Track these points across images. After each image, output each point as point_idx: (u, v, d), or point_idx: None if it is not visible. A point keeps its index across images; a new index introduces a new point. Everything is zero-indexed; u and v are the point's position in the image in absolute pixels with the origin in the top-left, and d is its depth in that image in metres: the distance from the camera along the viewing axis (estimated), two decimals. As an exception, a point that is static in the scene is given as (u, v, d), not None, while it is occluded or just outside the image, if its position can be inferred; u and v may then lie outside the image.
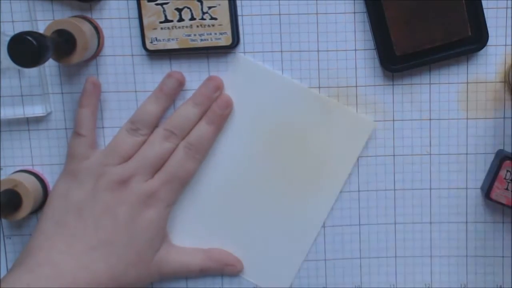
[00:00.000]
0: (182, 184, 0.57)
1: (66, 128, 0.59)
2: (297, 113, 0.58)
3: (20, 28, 0.56)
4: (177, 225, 0.59)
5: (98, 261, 0.53)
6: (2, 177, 0.57)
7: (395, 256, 0.60)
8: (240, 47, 0.57)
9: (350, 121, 0.58)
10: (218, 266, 0.59)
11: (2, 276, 0.60)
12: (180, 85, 0.57)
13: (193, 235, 0.59)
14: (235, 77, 0.57)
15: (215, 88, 0.57)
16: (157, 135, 0.56)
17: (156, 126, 0.57)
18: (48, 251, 0.53)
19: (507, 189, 0.56)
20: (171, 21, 0.56)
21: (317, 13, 0.57)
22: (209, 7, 0.55)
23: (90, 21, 0.56)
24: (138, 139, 0.56)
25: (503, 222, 0.59)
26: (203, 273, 0.59)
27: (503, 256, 0.59)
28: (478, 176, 0.59)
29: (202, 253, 0.59)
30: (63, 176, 0.57)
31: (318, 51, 0.57)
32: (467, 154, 0.58)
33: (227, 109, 0.57)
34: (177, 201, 0.58)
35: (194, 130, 0.56)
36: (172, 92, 0.57)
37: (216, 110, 0.57)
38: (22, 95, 0.58)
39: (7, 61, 0.49)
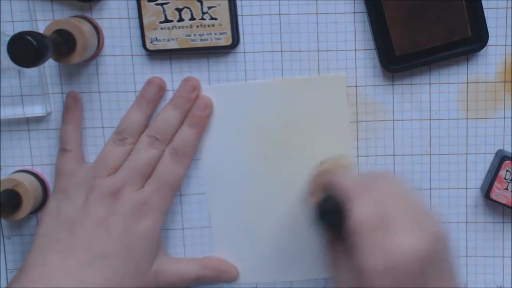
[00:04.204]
0: (173, 190, 0.57)
1: (66, 128, 0.59)
2: (278, 106, 0.58)
3: (20, 28, 0.56)
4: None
5: (93, 276, 0.52)
6: (2, 177, 0.57)
7: (395, 256, 0.60)
8: (240, 47, 0.57)
9: (323, 85, 0.57)
10: (213, 274, 0.59)
11: (1, 277, 0.60)
12: (161, 90, 0.57)
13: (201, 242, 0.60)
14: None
15: (192, 88, 0.57)
16: (141, 143, 0.56)
17: (142, 133, 0.56)
18: (41, 269, 0.52)
19: (507, 189, 0.56)
20: (171, 21, 0.56)
21: (317, 13, 0.57)
22: (209, 7, 0.55)
23: (90, 21, 0.55)
24: (125, 148, 0.56)
25: (503, 222, 0.59)
26: (199, 281, 0.59)
27: (503, 256, 0.59)
28: (478, 176, 0.59)
29: (198, 262, 0.59)
30: (53, 194, 0.56)
31: (318, 51, 0.57)
32: (467, 154, 0.58)
33: (207, 110, 0.57)
34: (169, 209, 0.57)
35: (177, 135, 0.56)
36: (154, 98, 0.57)
37: (196, 113, 0.57)
38: (22, 95, 0.58)
39: (7, 61, 0.49)
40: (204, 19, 0.56)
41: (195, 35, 0.56)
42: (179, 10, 0.56)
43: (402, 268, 0.43)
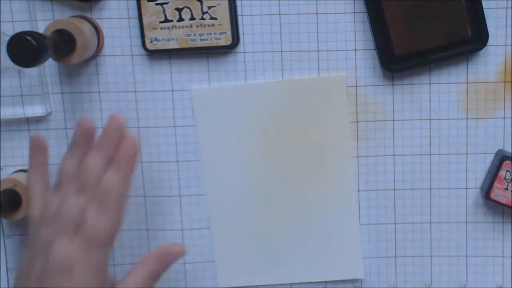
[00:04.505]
0: (102, 247, 0.51)
1: (66, 128, 0.59)
2: (278, 106, 0.58)
3: (20, 28, 0.56)
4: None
5: None
6: (2, 177, 0.57)
7: (395, 256, 0.60)
8: (240, 47, 0.57)
9: (323, 86, 0.57)
10: (160, 264, 0.53)
11: (1, 276, 0.60)
12: (91, 132, 0.53)
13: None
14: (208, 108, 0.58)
15: (117, 128, 0.53)
16: (68, 191, 0.52)
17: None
18: None
19: (506, 189, 0.56)
20: (171, 21, 0.56)
21: (317, 13, 0.57)
22: (209, 7, 0.55)
23: (90, 21, 0.56)
24: (62, 197, 0.52)
25: (503, 222, 0.59)
26: (156, 278, 0.54)
27: (503, 256, 0.59)
28: (478, 176, 0.59)
29: (140, 266, 0.53)
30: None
31: (318, 51, 0.57)
32: (467, 154, 0.58)
33: (132, 150, 0.53)
34: (109, 259, 0.52)
35: (102, 182, 0.52)
36: (84, 141, 0.53)
37: (121, 155, 0.53)
38: (22, 95, 0.58)
39: (7, 61, 0.49)
40: (204, 19, 0.56)
41: (195, 35, 0.56)
42: (179, 10, 0.56)
43: None
